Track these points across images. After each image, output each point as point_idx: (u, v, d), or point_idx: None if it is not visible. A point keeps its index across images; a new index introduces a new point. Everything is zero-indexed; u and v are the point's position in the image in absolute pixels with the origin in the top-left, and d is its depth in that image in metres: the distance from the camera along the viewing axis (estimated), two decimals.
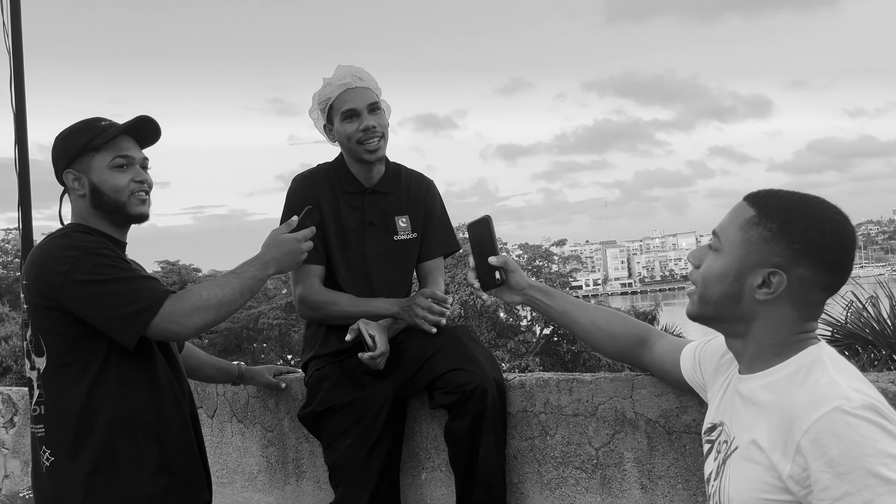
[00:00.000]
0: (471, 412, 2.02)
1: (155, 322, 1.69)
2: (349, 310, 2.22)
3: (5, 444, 3.48)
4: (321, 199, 2.28)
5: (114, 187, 1.84)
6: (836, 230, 1.23)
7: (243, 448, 2.74)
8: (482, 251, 1.85)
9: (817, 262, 1.21)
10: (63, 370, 1.76)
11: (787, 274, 1.22)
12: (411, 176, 2.42)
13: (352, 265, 2.30)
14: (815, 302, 1.26)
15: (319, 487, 2.56)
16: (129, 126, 1.87)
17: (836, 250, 1.22)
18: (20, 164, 4.31)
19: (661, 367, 1.75)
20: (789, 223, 1.23)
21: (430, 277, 2.41)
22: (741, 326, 1.30)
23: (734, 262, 1.26)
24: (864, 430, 1.09)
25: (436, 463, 2.30)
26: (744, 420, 1.29)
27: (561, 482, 2.07)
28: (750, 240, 1.25)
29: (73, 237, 1.78)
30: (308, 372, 2.34)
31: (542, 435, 2.10)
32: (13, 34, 4.19)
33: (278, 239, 1.88)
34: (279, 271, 1.88)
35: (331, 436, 2.21)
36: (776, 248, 1.23)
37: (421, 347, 2.15)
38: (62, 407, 1.76)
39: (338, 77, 2.27)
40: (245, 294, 1.81)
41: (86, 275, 1.70)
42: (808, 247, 1.21)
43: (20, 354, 17.87)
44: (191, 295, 1.75)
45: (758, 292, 1.25)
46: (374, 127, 2.23)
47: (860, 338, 6.42)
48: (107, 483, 1.73)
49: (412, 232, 2.37)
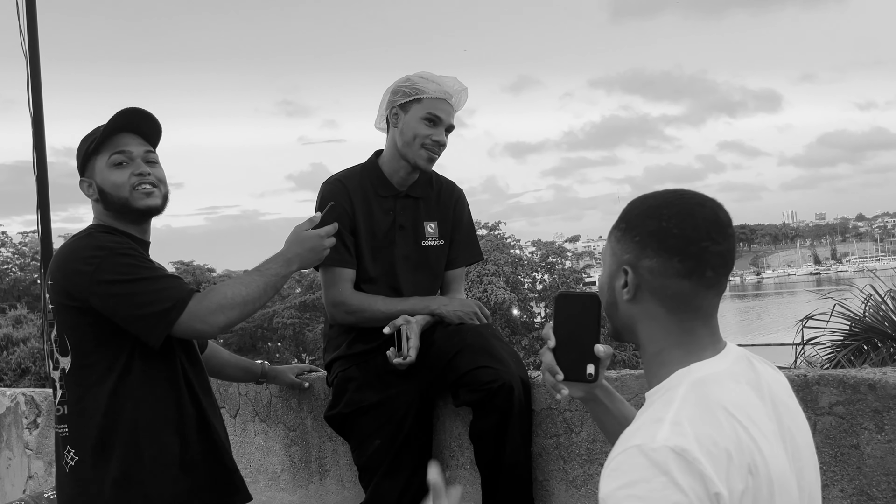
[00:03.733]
0: (497, 410, 2.01)
1: (181, 321, 1.70)
2: (385, 310, 2.20)
3: (29, 445, 3.51)
4: (354, 201, 2.27)
5: (114, 185, 1.83)
6: (675, 213, 1.18)
7: (266, 447, 2.74)
8: (578, 335, 1.40)
9: (658, 249, 1.18)
10: (87, 370, 1.76)
11: (635, 268, 1.20)
12: (442, 182, 2.42)
13: (380, 269, 2.29)
14: (676, 292, 1.17)
15: (343, 486, 2.56)
16: (116, 122, 1.85)
17: (676, 233, 1.16)
18: (38, 167, 4.34)
19: None
20: (632, 219, 1.23)
21: (452, 286, 2.42)
22: (631, 335, 1.26)
23: (606, 271, 1.28)
24: (640, 470, 1.01)
25: (460, 461, 2.30)
26: None
27: (587, 479, 2.06)
28: (612, 246, 1.26)
29: (97, 237, 1.79)
30: (333, 372, 2.33)
31: (568, 432, 2.09)
32: (30, 39, 4.21)
33: (301, 235, 1.89)
34: (302, 267, 1.89)
35: (359, 437, 2.21)
36: (626, 246, 1.22)
37: (445, 345, 2.14)
38: (86, 406, 1.76)
39: (446, 84, 2.27)
40: (269, 291, 1.81)
41: (112, 274, 1.70)
42: (645, 235, 1.19)
43: (38, 356, 18.02)
44: (216, 293, 1.75)
45: (623, 293, 1.23)
46: (444, 144, 2.27)
47: (879, 331, 6.36)
48: (131, 482, 1.73)
49: (440, 239, 2.36)
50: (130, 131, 1.87)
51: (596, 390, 1.43)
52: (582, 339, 1.38)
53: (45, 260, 4.38)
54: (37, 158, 4.30)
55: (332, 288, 2.25)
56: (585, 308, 1.38)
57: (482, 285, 26.48)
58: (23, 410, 3.51)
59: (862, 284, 6.83)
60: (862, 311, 6.54)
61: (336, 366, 2.31)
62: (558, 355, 1.37)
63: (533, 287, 30.60)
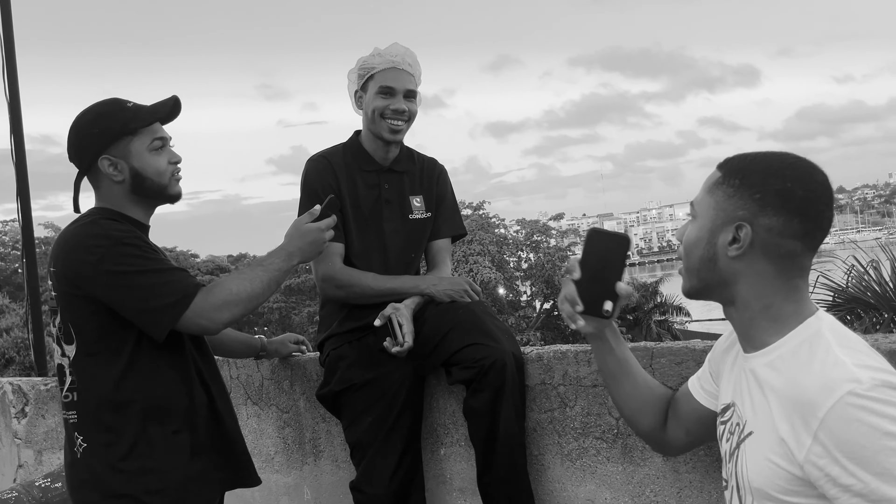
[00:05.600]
0: (490, 386, 2.01)
1: (185, 316, 1.69)
2: (375, 287, 2.23)
3: (18, 435, 3.48)
4: (339, 176, 2.30)
5: (156, 170, 1.82)
6: (799, 176, 1.22)
7: (259, 430, 2.74)
8: (603, 270, 1.43)
9: (781, 208, 1.20)
10: (93, 358, 1.75)
11: (752, 225, 1.22)
12: (424, 159, 2.45)
13: (368, 243, 2.31)
14: (790, 253, 1.22)
15: (338, 466, 2.56)
16: (169, 109, 1.85)
17: (799, 194, 1.20)
18: (17, 155, 4.26)
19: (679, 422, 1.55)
20: (749, 175, 1.24)
21: (438, 257, 2.43)
22: (727, 291, 1.28)
23: (706, 225, 1.27)
24: (878, 417, 1.06)
25: (454, 438, 2.30)
26: (755, 403, 1.26)
27: (582, 452, 2.07)
28: (717, 200, 1.26)
29: (101, 224, 1.75)
30: (325, 351, 2.33)
31: (562, 407, 2.10)
32: (3, 22, 4.12)
33: (302, 229, 1.87)
34: (303, 261, 1.88)
35: (351, 414, 2.21)
36: (740, 202, 1.23)
37: (437, 323, 2.14)
38: (94, 394, 1.75)
39: (389, 53, 2.29)
40: (272, 286, 1.81)
41: (116, 265, 1.68)
42: (768, 194, 1.21)
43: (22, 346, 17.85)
44: (221, 289, 1.73)
45: (729, 249, 1.24)
46: (404, 111, 2.27)
47: (862, 301, 6.45)
48: (142, 468, 1.73)
49: (426, 211, 2.39)
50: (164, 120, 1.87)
51: (606, 329, 1.50)
52: (606, 275, 1.42)
53: (28, 249, 4.33)
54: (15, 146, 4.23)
55: (321, 263, 2.26)
56: (615, 246, 1.43)
57: (468, 265, 26.53)
58: (10, 399, 3.47)
59: (844, 256, 6.91)
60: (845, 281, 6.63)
61: (328, 344, 2.31)
62: (581, 288, 1.42)
63: (518, 266, 30.69)
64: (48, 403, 3.36)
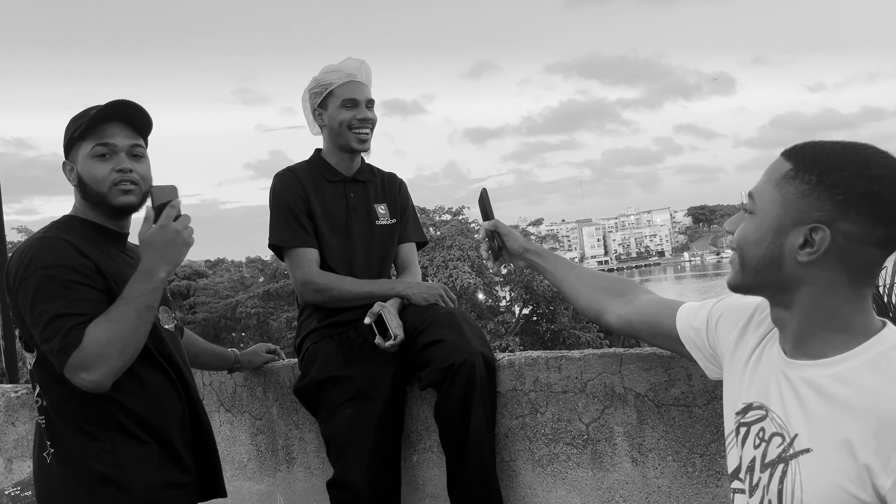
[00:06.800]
0: (458, 387, 2.03)
1: (67, 368, 1.61)
2: (353, 291, 2.29)
3: None
4: (307, 188, 2.38)
5: (94, 178, 1.76)
6: (887, 175, 1.07)
7: (232, 437, 2.73)
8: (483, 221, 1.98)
9: (865, 213, 1.06)
10: (52, 366, 1.73)
11: (831, 229, 1.07)
12: (384, 173, 2.56)
13: (339, 250, 2.37)
14: (868, 261, 1.10)
15: (311, 473, 2.56)
16: (105, 110, 1.77)
17: (887, 198, 1.05)
18: None
19: (640, 320, 1.59)
20: (829, 173, 1.08)
21: (407, 261, 2.51)
22: (786, 296, 1.16)
23: (771, 223, 1.13)
24: None
25: (427, 444, 2.31)
26: (810, 416, 1.13)
27: (552, 458, 2.09)
28: (787, 196, 1.11)
29: (46, 243, 1.71)
30: (304, 347, 2.35)
31: (533, 413, 2.11)
32: None
33: (147, 240, 1.70)
34: (172, 267, 1.71)
35: (330, 407, 2.21)
36: (816, 202, 1.08)
37: (413, 322, 2.19)
38: (57, 401, 1.73)
39: (347, 67, 2.40)
40: (145, 314, 1.66)
41: (30, 290, 1.64)
42: (852, 196, 1.06)
43: None
44: (89, 341, 1.60)
45: (800, 253, 1.10)
46: (369, 119, 2.38)
47: None
48: (107, 477, 1.71)
49: (391, 218, 2.48)
50: (120, 120, 1.78)
51: (527, 255, 1.91)
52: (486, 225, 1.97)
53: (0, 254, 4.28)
54: None
55: (298, 269, 2.32)
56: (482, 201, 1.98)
57: (447, 270, 26.53)
58: None
59: None
60: None
61: (307, 341, 2.35)
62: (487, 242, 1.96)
63: (498, 271, 30.74)
64: (18, 411, 3.31)
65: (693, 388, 1.89)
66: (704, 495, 1.89)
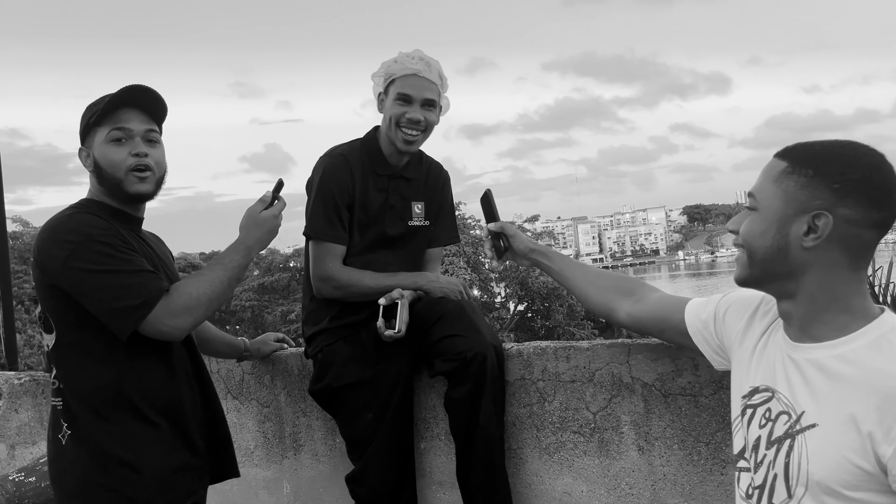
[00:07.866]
0: (471, 379, 2.05)
1: (147, 321, 1.67)
2: (374, 286, 2.23)
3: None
4: (355, 177, 2.28)
5: (110, 163, 1.78)
6: (875, 164, 1.20)
7: (239, 424, 2.75)
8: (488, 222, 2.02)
9: (861, 198, 1.18)
10: (72, 347, 1.75)
11: (833, 214, 1.18)
12: (431, 164, 2.45)
13: (365, 244, 2.31)
14: (865, 243, 1.21)
15: (318, 460, 2.58)
16: (120, 96, 1.80)
17: (878, 184, 1.18)
18: None
19: (649, 317, 1.68)
20: (824, 165, 1.20)
21: (430, 265, 2.47)
22: (792, 283, 1.25)
23: (774, 215, 1.23)
24: None
25: (435, 432, 2.34)
26: (816, 394, 1.21)
27: (559, 446, 2.12)
28: (786, 190, 1.22)
29: (78, 218, 1.74)
30: (315, 346, 2.33)
31: (541, 401, 2.14)
32: None
33: (258, 219, 1.83)
34: (261, 250, 1.87)
35: (350, 412, 2.25)
36: (816, 192, 1.19)
37: (425, 315, 2.20)
38: (76, 383, 1.75)
39: (411, 59, 2.25)
40: (233, 283, 1.79)
41: (84, 262, 1.67)
42: (848, 184, 1.18)
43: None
44: (181, 294, 1.71)
45: (805, 240, 1.21)
46: (420, 121, 2.23)
47: None
48: (121, 459, 1.73)
49: (425, 219, 2.40)
50: (134, 107, 1.81)
51: (532, 255, 1.95)
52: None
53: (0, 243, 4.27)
54: None
55: (320, 262, 2.26)
56: (486, 202, 2.01)
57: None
58: None
59: None
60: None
61: (320, 339, 2.32)
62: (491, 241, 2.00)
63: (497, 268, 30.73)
64: (21, 398, 3.33)
65: (700, 378, 1.92)
66: (709, 483, 1.92)
